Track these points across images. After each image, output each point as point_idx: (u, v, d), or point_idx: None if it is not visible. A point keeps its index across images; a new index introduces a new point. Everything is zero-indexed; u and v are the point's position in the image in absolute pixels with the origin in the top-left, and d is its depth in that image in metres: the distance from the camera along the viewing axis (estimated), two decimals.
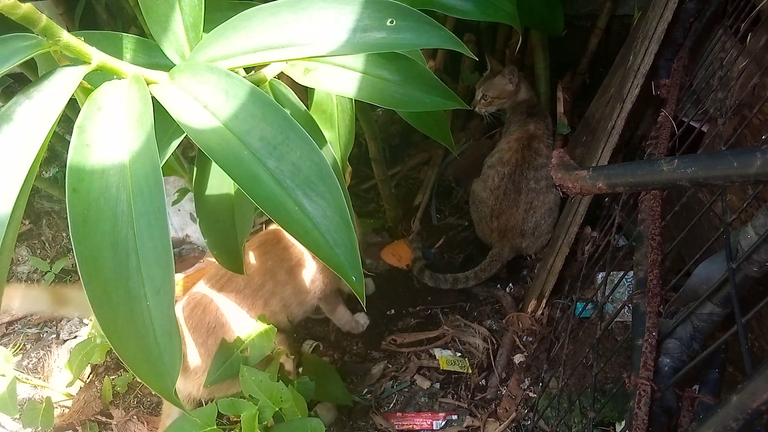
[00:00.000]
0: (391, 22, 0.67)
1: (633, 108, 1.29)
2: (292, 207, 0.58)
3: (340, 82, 0.83)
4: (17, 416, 1.44)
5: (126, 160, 0.58)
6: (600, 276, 1.42)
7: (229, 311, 1.19)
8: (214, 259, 1.63)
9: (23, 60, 0.58)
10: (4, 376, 1.17)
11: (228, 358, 1.09)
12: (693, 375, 0.76)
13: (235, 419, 1.13)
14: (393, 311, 1.60)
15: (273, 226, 1.38)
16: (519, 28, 1.13)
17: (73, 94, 0.60)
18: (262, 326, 1.16)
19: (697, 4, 1.24)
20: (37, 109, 0.58)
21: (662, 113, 1.15)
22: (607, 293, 1.29)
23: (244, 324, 1.18)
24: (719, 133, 0.94)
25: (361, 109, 1.36)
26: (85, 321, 1.58)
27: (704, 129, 1.13)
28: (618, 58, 1.62)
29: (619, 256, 1.31)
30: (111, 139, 0.59)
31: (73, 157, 0.57)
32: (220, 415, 1.12)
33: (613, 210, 1.27)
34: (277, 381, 1.05)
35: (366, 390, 1.43)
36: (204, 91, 0.62)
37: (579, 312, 1.41)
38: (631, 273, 1.39)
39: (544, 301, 1.43)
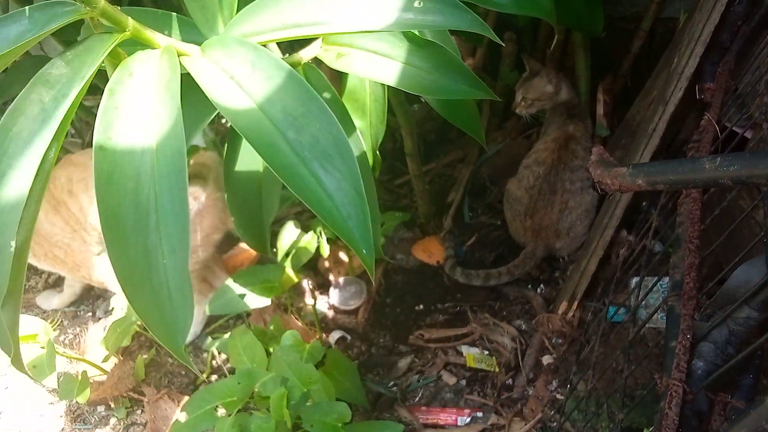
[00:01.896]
0: (419, 3, 0.68)
1: (675, 111, 1.27)
2: (308, 178, 0.60)
3: (372, 68, 0.84)
4: (53, 388, 1.49)
5: (152, 125, 0.60)
6: (634, 280, 1.40)
7: None
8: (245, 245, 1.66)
9: (63, 24, 0.60)
10: (43, 348, 1.21)
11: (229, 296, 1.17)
12: (727, 380, 0.75)
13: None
14: (422, 307, 1.61)
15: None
16: (555, 23, 1.12)
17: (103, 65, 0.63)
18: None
19: (745, 8, 1.21)
20: (72, 71, 0.60)
21: (705, 117, 1.14)
22: (640, 298, 1.27)
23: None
24: (764, 138, 0.92)
25: (399, 102, 1.37)
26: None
27: (748, 135, 1.11)
28: (662, 61, 1.60)
29: (654, 262, 1.29)
30: (139, 103, 0.62)
31: (101, 117, 0.60)
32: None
33: (651, 214, 1.25)
34: None
35: (392, 383, 1.44)
36: (232, 64, 0.65)
37: (610, 316, 1.40)
38: (665, 279, 1.37)
39: (576, 303, 1.41)
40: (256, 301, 1.28)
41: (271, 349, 1.35)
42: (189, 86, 0.65)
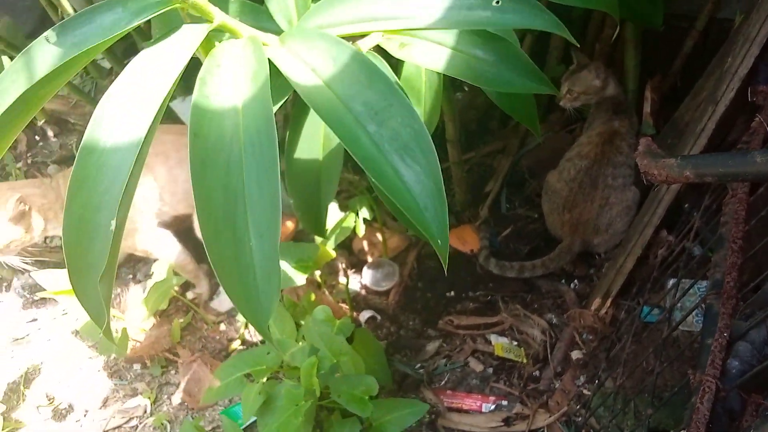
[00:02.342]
0: (497, 2, 0.69)
1: (726, 112, 1.24)
2: (387, 169, 0.61)
3: (434, 58, 0.85)
4: (93, 344, 1.55)
5: (239, 114, 0.62)
6: (671, 282, 1.39)
7: None
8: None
9: (155, 14, 0.63)
10: None
11: None
12: (762, 381, 0.74)
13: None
14: (453, 293, 1.61)
15: None
16: (617, 17, 1.11)
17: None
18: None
19: None
20: (166, 59, 0.63)
21: (756, 119, 1.11)
22: (676, 299, 1.26)
23: None
24: None
25: (444, 88, 1.38)
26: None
27: None
28: (714, 62, 1.56)
29: (692, 264, 1.27)
30: (227, 92, 0.64)
31: (195, 105, 0.62)
32: None
33: (693, 216, 1.23)
34: None
35: (419, 365, 1.46)
36: (313, 56, 0.66)
37: (644, 316, 1.39)
38: (702, 282, 1.35)
39: (610, 300, 1.40)
40: (292, 278, 1.30)
41: (302, 322, 1.38)
42: None
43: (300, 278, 1.28)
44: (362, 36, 0.84)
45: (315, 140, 1.01)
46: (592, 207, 1.45)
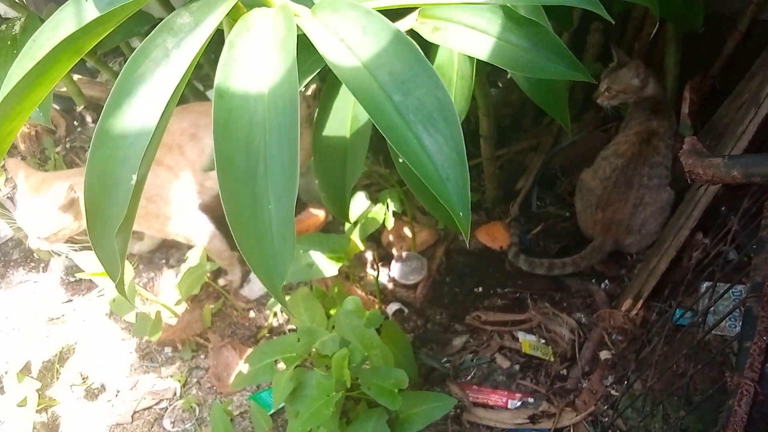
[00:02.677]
0: None
1: None
2: (411, 139, 0.62)
3: (468, 43, 0.84)
4: (125, 326, 1.59)
5: (266, 78, 0.63)
6: (704, 285, 1.37)
7: None
8: (314, 210, 1.71)
9: None
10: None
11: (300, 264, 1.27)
12: None
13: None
14: (480, 289, 1.61)
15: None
16: (657, 13, 1.09)
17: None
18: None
19: None
20: (195, 22, 0.64)
21: None
22: (710, 303, 1.24)
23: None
24: None
25: (479, 83, 1.37)
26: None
27: None
28: (756, 64, 1.53)
29: (728, 269, 1.25)
30: (255, 56, 0.64)
31: (221, 67, 0.63)
32: None
33: (730, 220, 1.21)
34: None
35: (445, 359, 1.46)
36: (342, 26, 0.67)
37: (676, 319, 1.37)
38: (738, 287, 1.33)
39: (641, 302, 1.39)
40: (324, 269, 1.31)
41: (331, 312, 1.39)
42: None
43: (332, 269, 1.29)
44: (396, 10, 0.84)
45: (344, 119, 1.01)
46: (626, 206, 1.43)
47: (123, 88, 0.65)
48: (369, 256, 1.68)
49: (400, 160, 1.00)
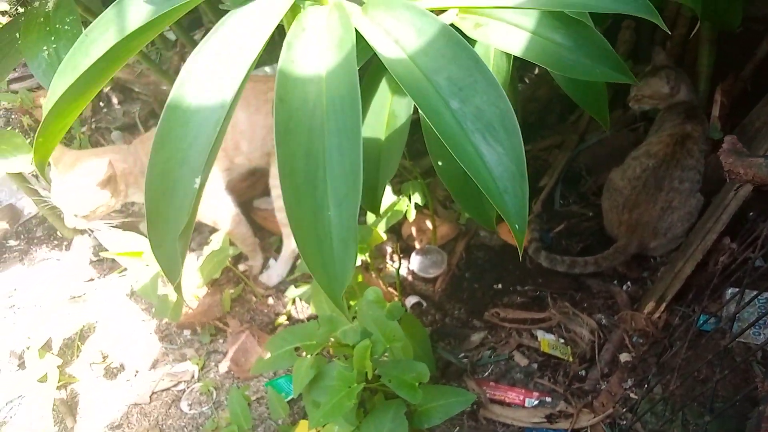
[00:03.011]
0: None
1: None
2: (468, 148, 0.61)
3: (510, 40, 0.83)
4: (146, 307, 1.60)
5: (323, 79, 0.62)
6: (729, 291, 1.35)
7: None
8: None
9: None
10: (148, 266, 1.30)
11: None
12: None
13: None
14: (500, 286, 1.60)
15: None
16: (700, 14, 1.07)
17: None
18: None
19: None
20: (255, 21, 0.64)
21: None
22: (737, 310, 1.22)
23: None
24: None
25: (510, 79, 1.36)
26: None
27: None
28: None
29: (755, 275, 1.23)
30: (312, 57, 0.63)
31: (281, 69, 0.62)
32: None
33: (758, 225, 1.19)
34: None
35: (462, 354, 1.45)
36: (396, 27, 0.65)
37: (700, 324, 1.35)
38: (765, 295, 1.31)
39: (664, 305, 1.37)
40: None
41: (351, 303, 1.39)
42: None
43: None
44: (441, 11, 0.83)
45: (380, 116, 1.00)
46: (654, 209, 1.41)
47: (182, 89, 0.64)
48: (389, 248, 1.68)
49: (440, 163, 1.00)
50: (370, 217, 1.44)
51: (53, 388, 1.33)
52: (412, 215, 1.51)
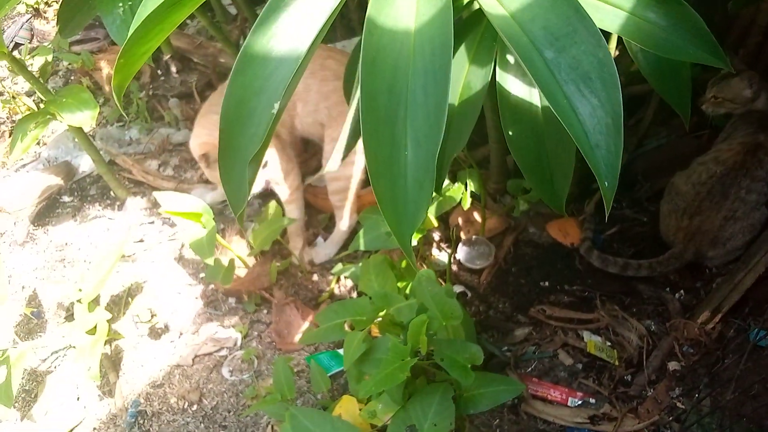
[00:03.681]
0: None
1: None
2: (560, 98, 0.59)
3: (601, 16, 0.81)
4: (192, 272, 1.61)
5: (412, 24, 0.61)
6: None
7: None
8: None
9: None
10: (205, 228, 1.31)
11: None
12: None
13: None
14: (547, 283, 1.58)
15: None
16: None
17: None
18: None
19: None
20: None
21: None
22: None
23: None
24: None
25: None
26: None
27: None
28: None
29: None
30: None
31: (371, 7, 0.61)
32: None
33: None
34: None
35: (506, 347, 1.44)
36: None
37: (754, 337, 1.31)
38: None
39: (720, 316, 1.34)
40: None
41: (399, 285, 1.38)
42: None
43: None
44: None
45: (454, 86, 0.98)
46: (717, 217, 1.37)
47: (266, 20, 0.64)
48: (436, 236, 1.66)
49: (510, 133, 0.98)
50: None
51: (101, 342, 1.35)
52: (467, 203, 1.50)
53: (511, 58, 0.94)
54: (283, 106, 0.62)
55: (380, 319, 1.17)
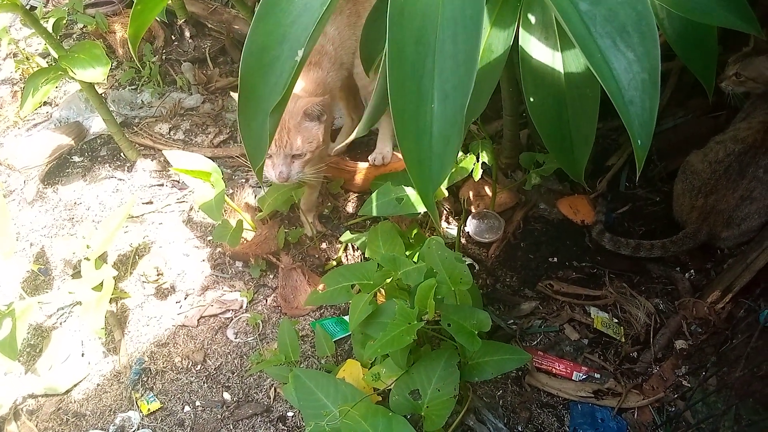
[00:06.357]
0: None
1: None
2: (594, 52, 0.57)
3: None
4: (200, 234, 1.61)
5: None
6: None
7: None
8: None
9: None
10: (213, 188, 1.30)
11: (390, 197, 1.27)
12: None
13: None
14: (556, 259, 1.57)
15: None
16: None
17: None
18: None
19: None
20: None
21: None
22: None
23: None
24: None
25: None
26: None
27: None
28: None
29: None
30: None
31: None
32: None
33: None
34: None
35: (512, 320, 1.43)
36: None
37: (765, 319, 1.30)
38: None
39: (730, 295, 1.32)
40: (416, 204, 1.28)
41: (408, 252, 1.37)
42: None
43: (421, 207, 1.27)
44: None
45: None
46: (733, 196, 1.35)
47: None
48: (445, 208, 1.65)
49: (531, 99, 0.96)
50: None
51: (107, 298, 1.35)
52: (478, 174, 1.48)
53: (533, 18, 0.92)
54: (307, 54, 0.60)
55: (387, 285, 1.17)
